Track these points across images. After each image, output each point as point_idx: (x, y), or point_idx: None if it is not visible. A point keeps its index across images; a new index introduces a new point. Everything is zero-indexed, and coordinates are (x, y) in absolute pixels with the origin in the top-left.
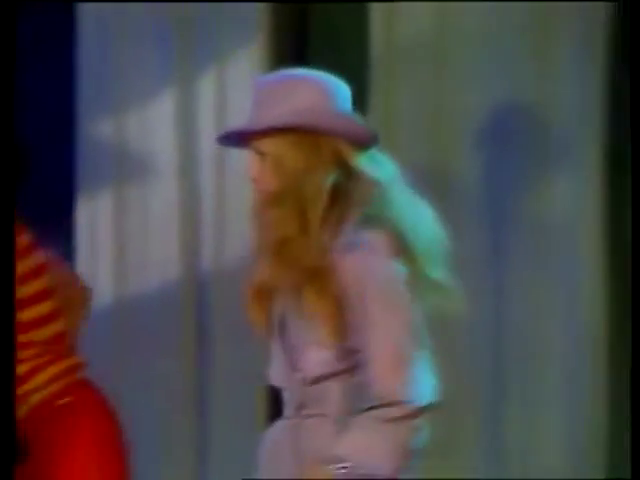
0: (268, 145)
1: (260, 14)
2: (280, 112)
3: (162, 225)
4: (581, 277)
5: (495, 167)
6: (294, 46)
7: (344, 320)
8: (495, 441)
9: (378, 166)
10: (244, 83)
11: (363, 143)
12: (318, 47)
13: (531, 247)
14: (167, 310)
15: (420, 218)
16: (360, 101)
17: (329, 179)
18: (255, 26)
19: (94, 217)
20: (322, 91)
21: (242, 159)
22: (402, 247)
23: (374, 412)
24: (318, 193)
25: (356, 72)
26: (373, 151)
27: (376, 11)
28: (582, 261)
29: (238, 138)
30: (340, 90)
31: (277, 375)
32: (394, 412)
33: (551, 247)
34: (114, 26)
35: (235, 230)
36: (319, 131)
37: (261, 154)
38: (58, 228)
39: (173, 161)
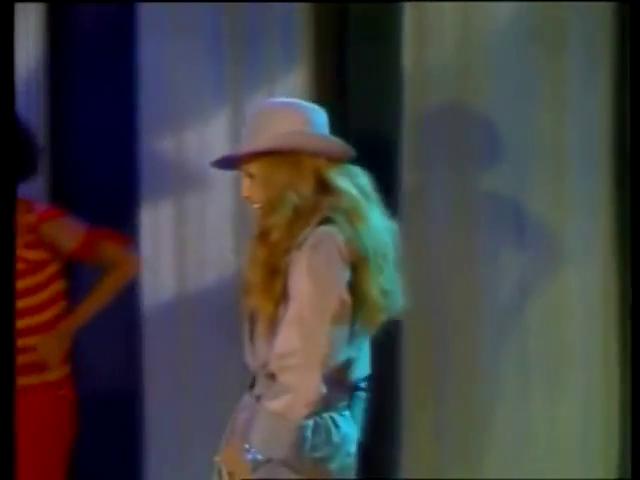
0: (255, 167)
1: (304, 37)
2: (263, 138)
3: (218, 230)
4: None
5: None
6: (334, 67)
7: (278, 317)
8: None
9: (351, 178)
10: (292, 97)
11: (338, 158)
12: (355, 68)
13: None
14: (223, 306)
15: (381, 229)
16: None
17: (310, 192)
18: (300, 47)
19: (157, 223)
20: (298, 116)
21: None
22: (354, 252)
23: (266, 403)
24: (303, 203)
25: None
26: (349, 166)
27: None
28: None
29: (231, 162)
30: (315, 114)
31: (245, 355)
32: (277, 405)
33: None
34: (173, 47)
35: None
36: (296, 151)
37: (250, 175)
38: (125, 227)
39: (227, 173)
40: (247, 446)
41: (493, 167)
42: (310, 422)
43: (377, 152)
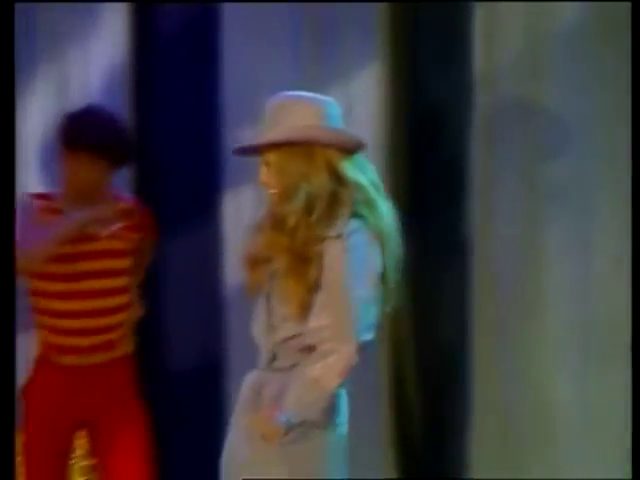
0: (272, 156)
1: (379, 37)
2: (280, 129)
3: None
4: None
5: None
6: (407, 65)
7: (310, 302)
8: None
9: (361, 171)
10: (367, 95)
11: (349, 150)
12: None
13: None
14: None
15: (390, 219)
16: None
17: (324, 182)
18: (375, 46)
19: (239, 209)
20: (314, 109)
21: None
22: (380, 245)
23: (305, 369)
24: (317, 192)
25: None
26: (358, 157)
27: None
28: None
29: (252, 150)
30: (329, 107)
31: (257, 332)
32: (316, 372)
33: None
34: (255, 46)
35: None
36: (311, 142)
37: (267, 163)
38: (208, 219)
39: None
40: (279, 412)
41: (561, 164)
42: (341, 390)
43: (447, 148)
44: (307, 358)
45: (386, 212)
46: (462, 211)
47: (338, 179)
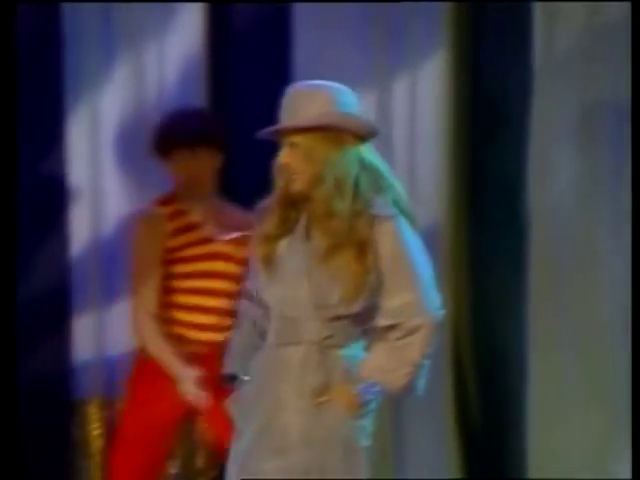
0: (299, 139)
1: (444, 28)
2: (306, 115)
3: None
4: None
5: None
6: (470, 55)
7: (367, 283)
8: None
9: (375, 156)
10: (431, 85)
11: (366, 136)
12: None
13: None
14: None
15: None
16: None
17: (350, 166)
18: (440, 38)
19: None
20: (335, 97)
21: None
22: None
23: (388, 335)
24: (344, 176)
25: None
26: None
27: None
28: None
29: (278, 133)
30: (347, 95)
31: (289, 306)
32: (399, 333)
33: None
34: (325, 40)
35: (425, 199)
36: (340, 128)
37: (292, 146)
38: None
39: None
40: (356, 385)
41: (618, 149)
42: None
43: (506, 136)
44: (390, 334)
45: (404, 195)
46: (520, 202)
47: (362, 164)
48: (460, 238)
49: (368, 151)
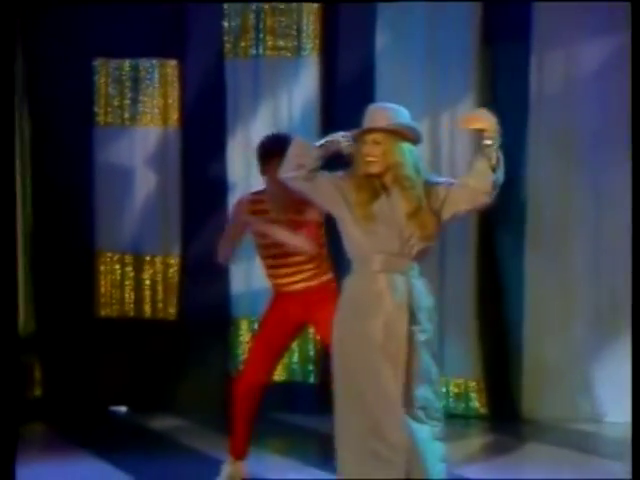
0: (380, 137)
1: None
2: (382, 123)
3: None
4: None
5: None
6: None
7: (437, 225)
8: None
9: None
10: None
11: (417, 139)
12: None
13: None
14: None
15: None
16: None
17: (412, 158)
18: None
19: None
20: (399, 113)
21: None
22: None
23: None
24: (417, 163)
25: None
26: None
27: None
28: None
29: (369, 131)
30: (405, 113)
31: (385, 243)
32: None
33: None
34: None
35: None
36: (403, 134)
37: (376, 142)
38: None
39: None
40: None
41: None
42: None
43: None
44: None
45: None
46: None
47: (416, 157)
48: None
49: (415, 148)
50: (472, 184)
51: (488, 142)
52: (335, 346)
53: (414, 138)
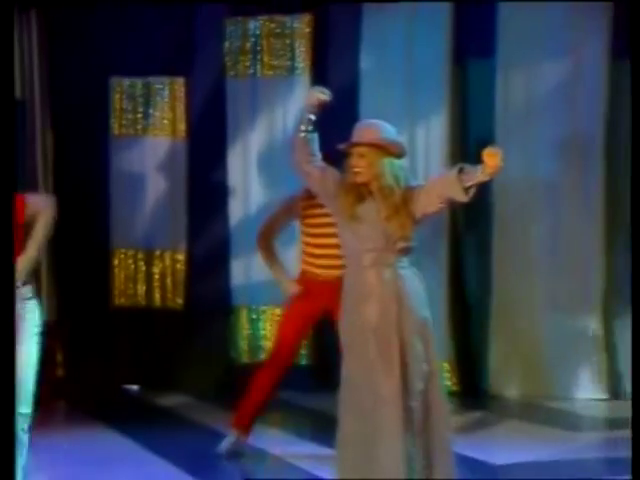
0: (365, 150)
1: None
2: (369, 138)
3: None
4: None
5: None
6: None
7: (413, 225)
8: None
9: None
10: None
11: (401, 153)
12: None
13: None
14: None
15: None
16: None
17: (394, 169)
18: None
19: None
20: (387, 128)
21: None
22: None
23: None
24: (397, 174)
25: None
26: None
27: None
28: None
29: (353, 145)
30: (390, 129)
31: (371, 241)
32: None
33: None
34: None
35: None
36: (391, 149)
37: (361, 155)
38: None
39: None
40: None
41: None
42: None
43: None
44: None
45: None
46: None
47: (399, 167)
48: None
49: (400, 161)
50: (438, 191)
51: (485, 178)
52: (341, 338)
53: (397, 151)
